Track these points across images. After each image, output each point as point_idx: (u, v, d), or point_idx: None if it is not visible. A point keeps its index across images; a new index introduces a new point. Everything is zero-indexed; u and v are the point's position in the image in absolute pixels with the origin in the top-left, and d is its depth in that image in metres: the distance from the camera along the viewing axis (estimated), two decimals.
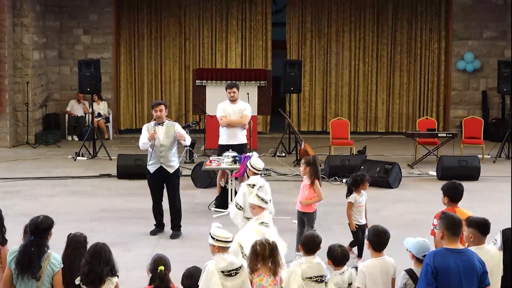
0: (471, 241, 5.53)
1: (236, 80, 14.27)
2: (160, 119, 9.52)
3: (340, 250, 5.85)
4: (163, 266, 5.62)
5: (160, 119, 9.52)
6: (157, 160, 9.49)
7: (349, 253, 6.10)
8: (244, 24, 18.53)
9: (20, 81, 16.56)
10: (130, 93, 18.61)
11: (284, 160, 14.92)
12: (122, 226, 9.98)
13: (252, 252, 5.63)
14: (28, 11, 16.41)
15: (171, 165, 9.55)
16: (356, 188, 8.47)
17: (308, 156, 8.82)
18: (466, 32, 18.27)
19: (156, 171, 9.53)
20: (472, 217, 5.68)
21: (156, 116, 9.53)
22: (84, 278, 5.41)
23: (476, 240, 5.52)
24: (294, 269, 5.71)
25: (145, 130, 9.60)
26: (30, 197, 11.70)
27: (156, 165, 9.51)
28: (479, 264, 5.07)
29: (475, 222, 5.57)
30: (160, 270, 5.59)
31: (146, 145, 9.46)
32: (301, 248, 5.91)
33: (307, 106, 18.81)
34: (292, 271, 5.70)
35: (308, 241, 5.89)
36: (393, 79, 18.75)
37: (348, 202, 8.47)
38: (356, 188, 8.47)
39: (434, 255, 5.05)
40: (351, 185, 8.52)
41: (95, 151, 15.19)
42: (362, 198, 8.48)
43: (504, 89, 15.64)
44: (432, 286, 4.95)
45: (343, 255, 5.83)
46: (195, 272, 5.68)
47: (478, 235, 5.53)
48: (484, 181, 13.02)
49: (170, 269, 5.71)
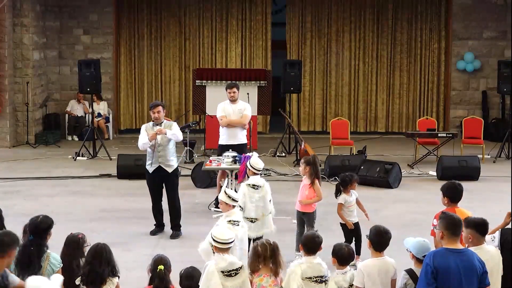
0: (470, 242, 5.54)
1: (236, 80, 14.27)
2: (158, 120, 9.53)
3: (347, 249, 5.83)
4: (163, 266, 5.63)
5: (158, 120, 9.53)
6: (155, 160, 9.49)
7: (354, 254, 6.07)
8: (244, 24, 18.53)
9: (20, 81, 16.56)
10: (130, 93, 18.62)
11: (284, 160, 14.92)
12: (122, 226, 9.98)
13: (253, 252, 5.63)
14: (28, 11, 16.41)
15: (170, 164, 9.55)
16: (344, 188, 8.51)
17: (307, 156, 8.83)
18: (466, 32, 18.27)
19: (154, 171, 9.53)
20: (470, 217, 5.69)
21: (154, 118, 9.52)
22: (84, 278, 5.41)
23: (475, 240, 5.53)
24: (294, 269, 5.71)
25: (143, 130, 9.60)
26: (30, 197, 11.70)
27: (155, 165, 9.51)
28: (479, 264, 5.08)
29: (473, 222, 5.58)
30: (159, 270, 5.60)
31: (146, 145, 9.45)
32: (301, 248, 5.90)
33: (307, 106, 18.81)
34: (292, 271, 5.69)
35: (308, 241, 5.89)
36: (393, 79, 18.75)
37: (338, 204, 8.52)
38: (345, 188, 8.50)
39: (434, 255, 5.05)
40: (340, 185, 8.56)
41: (95, 151, 15.19)
42: (351, 198, 8.52)
43: (504, 89, 15.64)
44: (432, 286, 4.94)
45: (349, 255, 5.82)
46: (194, 272, 5.67)
47: (477, 236, 5.54)
48: (484, 181, 13.02)
49: (170, 270, 5.71)
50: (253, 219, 8.17)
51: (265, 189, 8.29)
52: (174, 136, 9.52)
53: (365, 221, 8.47)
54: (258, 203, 8.20)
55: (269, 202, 8.32)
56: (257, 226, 8.18)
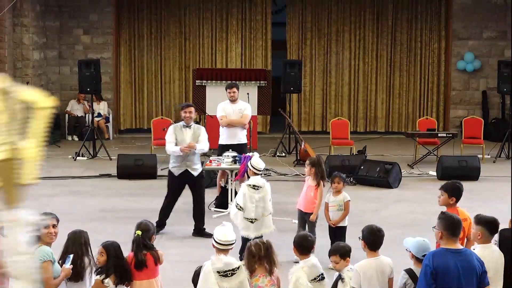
0: (479, 239, 5.54)
1: (236, 80, 14.27)
2: (189, 120, 9.55)
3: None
4: (140, 232, 5.91)
5: (189, 120, 9.55)
6: (183, 164, 9.49)
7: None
8: (244, 24, 18.54)
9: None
10: (130, 93, 18.62)
11: (284, 160, 14.92)
12: (122, 226, 9.96)
13: (248, 253, 5.62)
14: (28, 11, 16.42)
15: (196, 168, 9.59)
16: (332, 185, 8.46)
17: (312, 157, 8.77)
18: (466, 32, 18.28)
19: (181, 174, 9.53)
20: (482, 215, 5.68)
21: (184, 117, 9.54)
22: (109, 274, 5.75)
23: (483, 238, 5.54)
24: (299, 274, 5.67)
25: (172, 132, 9.56)
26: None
27: (182, 168, 9.50)
28: (478, 264, 5.08)
29: (484, 220, 5.58)
30: (136, 235, 5.89)
31: (177, 153, 9.44)
32: (296, 250, 5.90)
33: (307, 106, 18.81)
34: (298, 277, 5.66)
35: (303, 240, 5.90)
36: (393, 79, 18.76)
37: (325, 202, 8.48)
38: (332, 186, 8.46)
39: (433, 255, 5.05)
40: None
41: (95, 151, 15.19)
42: (333, 198, 8.40)
43: (504, 89, 15.64)
44: (432, 287, 4.95)
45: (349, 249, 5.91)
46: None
47: (486, 234, 5.54)
48: (484, 181, 13.02)
49: (151, 235, 6.02)
50: (252, 220, 8.16)
51: (266, 189, 8.27)
52: (202, 151, 9.66)
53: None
54: (258, 203, 8.18)
55: (269, 202, 8.30)
56: (257, 226, 8.18)
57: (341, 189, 8.42)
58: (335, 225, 8.34)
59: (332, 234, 8.37)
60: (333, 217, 8.37)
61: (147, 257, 5.90)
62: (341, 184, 8.41)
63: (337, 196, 8.40)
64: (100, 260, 5.82)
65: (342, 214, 8.34)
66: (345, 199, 8.38)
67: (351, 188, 11.83)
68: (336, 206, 8.37)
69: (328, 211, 8.41)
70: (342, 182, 8.43)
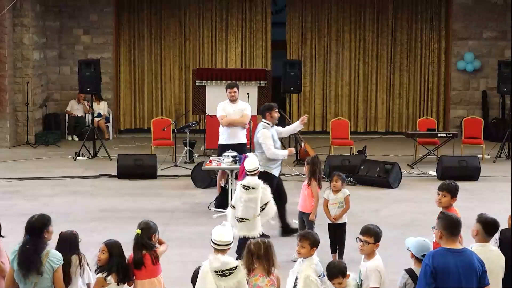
0: (475, 236, 5.56)
1: (236, 80, 14.25)
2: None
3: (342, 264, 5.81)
4: (140, 230, 5.97)
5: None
6: (280, 163, 9.85)
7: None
8: (244, 24, 18.53)
9: (20, 81, 16.56)
10: (130, 93, 18.61)
11: (284, 160, 14.83)
12: (122, 226, 9.96)
13: (247, 251, 5.61)
14: (28, 11, 16.41)
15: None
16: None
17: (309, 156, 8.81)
18: (466, 32, 18.27)
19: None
20: (484, 214, 5.69)
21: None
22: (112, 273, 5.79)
23: (479, 236, 5.55)
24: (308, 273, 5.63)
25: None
26: (30, 197, 11.70)
27: (280, 168, 9.88)
28: (478, 263, 5.07)
29: (484, 219, 5.60)
30: (136, 234, 5.95)
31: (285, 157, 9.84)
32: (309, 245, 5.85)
33: (307, 106, 18.80)
34: (307, 276, 5.63)
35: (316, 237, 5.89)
36: (393, 79, 18.75)
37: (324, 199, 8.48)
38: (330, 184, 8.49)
39: (433, 255, 5.04)
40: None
41: (95, 151, 15.19)
42: (333, 196, 8.40)
43: (504, 89, 15.63)
44: (432, 287, 4.94)
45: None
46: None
47: (482, 233, 5.54)
48: (484, 181, 13.02)
49: (152, 234, 6.03)
50: (239, 219, 8.07)
51: (259, 191, 8.11)
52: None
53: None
54: (248, 203, 8.04)
55: (258, 204, 8.12)
56: (246, 226, 8.05)
57: (340, 188, 8.43)
58: (336, 220, 8.34)
59: (332, 231, 8.38)
60: (334, 214, 8.39)
61: (145, 257, 5.90)
62: (339, 182, 8.41)
63: (337, 194, 8.41)
64: (102, 258, 5.82)
65: (343, 209, 8.35)
66: (345, 194, 8.40)
67: (351, 188, 11.81)
68: (336, 204, 8.37)
69: (327, 207, 8.42)
70: (340, 181, 8.43)
